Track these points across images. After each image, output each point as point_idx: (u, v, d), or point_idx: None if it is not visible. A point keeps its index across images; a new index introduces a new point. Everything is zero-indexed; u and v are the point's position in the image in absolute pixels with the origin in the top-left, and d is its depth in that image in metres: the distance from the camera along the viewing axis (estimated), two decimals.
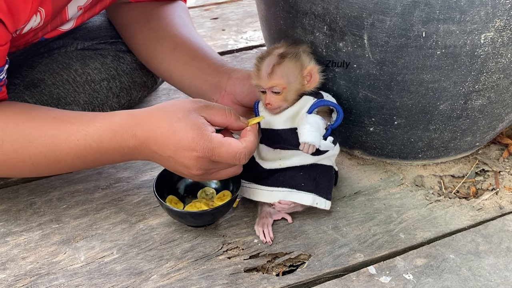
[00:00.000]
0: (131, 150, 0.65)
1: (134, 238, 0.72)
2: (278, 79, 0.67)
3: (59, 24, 0.77)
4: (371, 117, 0.76)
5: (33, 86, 0.85)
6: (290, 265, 0.69)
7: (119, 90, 0.90)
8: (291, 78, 0.68)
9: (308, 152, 0.68)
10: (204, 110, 0.64)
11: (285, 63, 0.67)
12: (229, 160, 0.63)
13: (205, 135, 0.62)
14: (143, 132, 0.64)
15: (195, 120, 0.63)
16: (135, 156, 0.67)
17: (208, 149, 0.62)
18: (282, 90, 0.68)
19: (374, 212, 0.76)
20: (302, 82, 0.69)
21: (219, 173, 0.67)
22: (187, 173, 0.65)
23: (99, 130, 0.65)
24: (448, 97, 0.71)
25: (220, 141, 0.63)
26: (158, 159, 0.66)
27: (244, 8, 1.41)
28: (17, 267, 0.68)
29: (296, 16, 0.72)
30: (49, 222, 0.75)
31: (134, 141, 0.65)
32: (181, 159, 0.63)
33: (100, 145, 0.65)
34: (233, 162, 0.64)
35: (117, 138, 0.65)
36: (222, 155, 0.63)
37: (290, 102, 0.70)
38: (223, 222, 0.74)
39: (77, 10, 0.77)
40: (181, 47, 0.84)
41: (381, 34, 0.66)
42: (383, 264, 0.69)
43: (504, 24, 0.63)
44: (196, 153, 0.62)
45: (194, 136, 0.62)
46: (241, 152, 0.63)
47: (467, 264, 0.69)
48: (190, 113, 0.63)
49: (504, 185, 0.81)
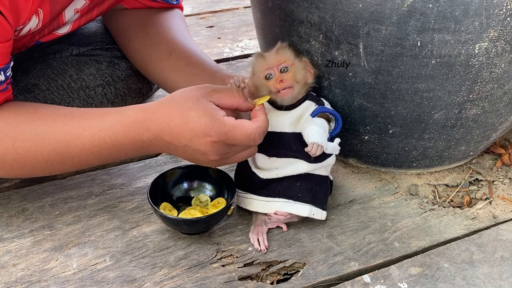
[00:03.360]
0: (145, 143, 0.66)
1: (127, 245, 0.71)
2: (286, 55, 0.69)
3: (55, 27, 0.77)
4: (366, 126, 0.76)
5: (27, 91, 0.85)
6: (285, 274, 0.69)
7: (114, 97, 0.90)
8: (296, 58, 0.69)
9: (315, 153, 0.67)
10: (212, 95, 0.64)
11: (287, 46, 0.70)
12: (244, 141, 0.63)
13: (218, 120, 0.62)
14: (156, 125, 0.64)
15: (206, 106, 0.63)
16: (150, 149, 0.67)
17: (222, 133, 0.62)
18: (291, 68, 0.68)
19: (369, 221, 0.76)
20: (304, 66, 0.70)
21: (235, 156, 0.67)
22: (205, 159, 0.65)
23: (113, 125, 0.65)
24: (442, 106, 0.71)
25: (233, 124, 0.63)
26: (175, 150, 0.66)
27: (240, 17, 1.42)
28: (7, 274, 0.67)
29: (292, 25, 0.72)
30: (41, 228, 0.74)
31: (148, 135, 0.65)
32: (197, 146, 0.63)
33: (114, 140, 0.65)
34: (248, 143, 0.64)
35: (131, 132, 0.65)
36: (236, 137, 0.63)
37: (300, 84, 0.69)
38: (217, 230, 0.74)
39: (74, 13, 0.77)
40: (176, 53, 0.84)
41: (377, 43, 0.66)
42: (377, 272, 0.68)
43: (498, 35, 0.64)
44: (211, 138, 0.62)
45: (207, 122, 0.62)
46: (255, 132, 0.63)
47: (461, 273, 0.69)
48: (200, 100, 0.63)
49: (497, 195, 0.82)
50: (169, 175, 0.76)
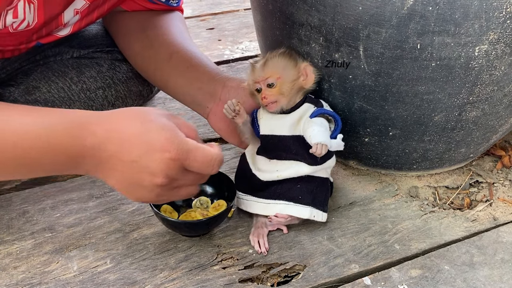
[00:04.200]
0: (83, 150, 0.57)
1: (128, 247, 0.71)
2: (272, 69, 0.69)
3: (54, 28, 0.77)
4: (366, 128, 0.77)
5: (28, 94, 0.85)
6: (285, 276, 0.69)
7: (115, 99, 0.90)
8: (285, 69, 0.69)
9: (321, 153, 0.66)
10: (171, 119, 0.60)
11: (278, 56, 0.70)
12: (204, 165, 0.58)
13: (180, 137, 0.57)
14: (104, 132, 0.56)
15: (168, 122, 0.58)
16: (84, 162, 0.58)
17: (184, 150, 0.56)
18: (276, 82, 0.68)
19: (369, 223, 0.76)
20: (297, 74, 0.70)
21: (181, 189, 0.60)
22: (149, 183, 0.57)
23: (55, 121, 0.57)
24: (442, 109, 0.71)
25: (196, 145, 0.58)
26: (113, 166, 0.57)
27: (240, 19, 1.42)
28: (8, 276, 0.67)
29: (293, 27, 0.73)
30: (42, 231, 0.74)
31: (92, 140, 0.56)
32: (149, 163, 0.56)
33: (50, 137, 0.56)
34: (206, 169, 0.58)
35: (74, 132, 0.57)
36: (198, 159, 0.57)
37: (287, 96, 0.69)
38: (218, 232, 0.74)
39: (74, 15, 0.77)
40: (176, 55, 0.84)
41: (377, 45, 0.67)
42: (378, 275, 0.68)
43: (498, 37, 0.64)
44: (169, 154, 0.55)
45: (168, 136, 0.56)
46: (216, 158, 0.59)
47: (462, 276, 0.69)
48: (162, 117, 0.58)
49: (498, 197, 0.82)
50: None
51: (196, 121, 0.97)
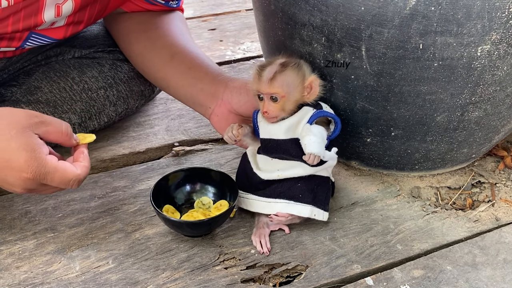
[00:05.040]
0: None
1: (130, 247, 0.71)
2: (279, 87, 0.67)
3: (32, 25, 0.75)
4: (368, 128, 0.76)
5: (30, 94, 0.85)
6: (287, 276, 0.69)
7: (116, 99, 0.90)
8: (291, 88, 0.68)
9: (313, 163, 0.67)
10: (39, 127, 0.60)
11: (287, 72, 0.67)
12: (61, 185, 0.62)
13: (40, 159, 0.59)
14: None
15: (30, 141, 0.59)
16: None
17: (41, 173, 0.59)
18: (280, 99, 0.68)
19: (371, 223, 0.76)
20: (302, 92, 0.69)
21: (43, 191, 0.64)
22: (9, 188, 0.61)
23: None
24: (445, 109, 0.71)
25: (55, 166, 0.60)
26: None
27: (242, 20, 1.42)
28: (10, 276, 0.67)
29: (295, 27, 0.73)
30: (44, 231, 0.74)
31: None
32: (6, 177, 0.59)
33: None
34: (64, 187, 0.62)
35: None
36: (55, 180, 0.60)
37: (287, 112, 0.69)
38: (220, 232, 0.74)
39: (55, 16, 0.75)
40: (178, 56, 0.84)
41: (379, 45, 0.67)
42: (380, 275, 0.68)
43: (501, 37, 0.64)
44: (26, 175, 0.58)
45: (27, 158, 0.58)
46: (75, 179, 0.62)
47: (464, 276, 0.68)
48: (25, 131, 0.59)
49: (500, 197, 0.82)
50: (172, 177, 0.76)
51: (198, 121, 0.97)
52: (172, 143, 0.92)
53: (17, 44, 0.79)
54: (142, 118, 0.98)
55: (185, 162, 0.87)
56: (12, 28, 0.74)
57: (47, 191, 0.64)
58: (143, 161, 0.89)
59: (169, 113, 1.00)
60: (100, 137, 0.92)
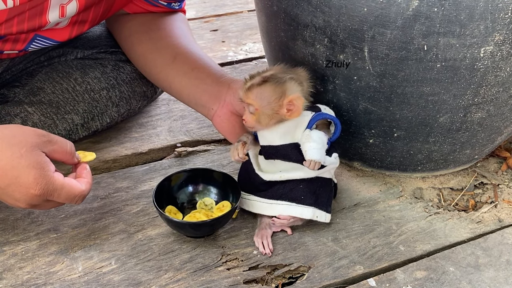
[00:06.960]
0: None
1: (132, 248, 0.72)
2: (253, 99, 0.68)
3: (37, 25, 0.76)
4: (371, 129, 0.76)
5: (33, 95, 0.85)
6: (290, 277, 0.69)
7: (119, 100, 0.90)
8: (264, 102, 0.67)
9: (313, 169, 0.68)
10: (46, 146, 0.63)
11: (263, 86, 0.67)
12: (67, 200, 0.64)
13: (48, 176, 0.61)
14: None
15: (39, 159, 0.61)
16: None
17: (48, 190, 0.61)
18: (255, 111, 0.68)
19: (374, 224, 0.76)
20: (277, 109, 0.67)
21: (45, 207, 0.66)
22: (14, 203, 0.63)
23: None
24: (447, 110, 0.71)
25: (62, 183, 0.62)
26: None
27: (244, 21, 1.42)
28: (13, 277, 0.67)
29: (297, 29, 0.73)
30: (47, 231, 0.74)
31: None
32: (13, 193, 0.61)
33: None
34: (69, 203, 0.64)
35: None
36: (61, 196, 0.63)
37: (264, 125, 0.69)
38: (222, 233, 0.74)
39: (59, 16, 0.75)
40: (180, 57, 0.84)
41: (382, 46, 0.67)
42: (383, 276, 0.68)
43: (504, 38, 0.64)
44: (34, 192, 0.60)
45: (36, 176, 0.60)
46: (81, 195, 0.64)
47: (467, 277, 0.68)
48: (34, 149, 0.61)
49: (503, 198, 0.82)
50: (174, 178, 0.76)
51: (200, 122, 0.97)
52: (175, 144, 0.92)
53: (21, 46, 0.80)
54: (145, 119, 0.98)
55: (188, 163, 0.88)
56: (17, 28, 0.74)
57: (50, 206, 0.66)
58: (145, 162, 0.89)
59: (172, 114, 1.00)
60: (103, 138, 0.92)
